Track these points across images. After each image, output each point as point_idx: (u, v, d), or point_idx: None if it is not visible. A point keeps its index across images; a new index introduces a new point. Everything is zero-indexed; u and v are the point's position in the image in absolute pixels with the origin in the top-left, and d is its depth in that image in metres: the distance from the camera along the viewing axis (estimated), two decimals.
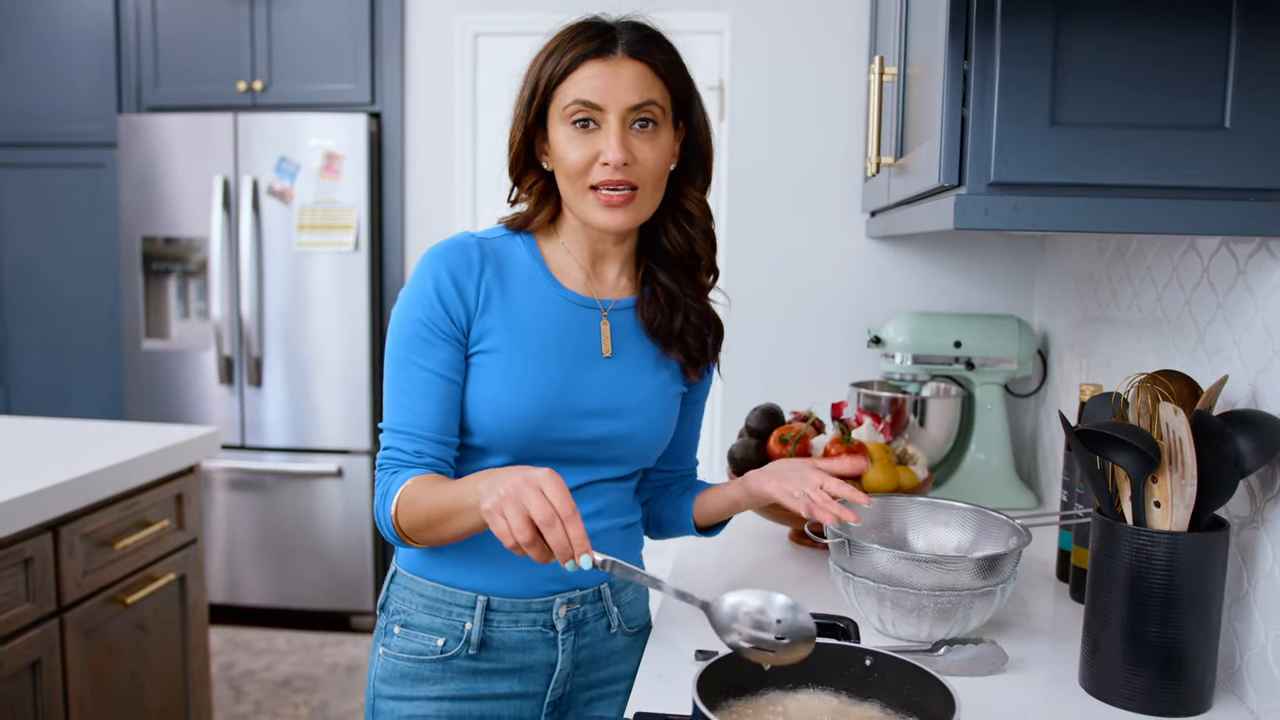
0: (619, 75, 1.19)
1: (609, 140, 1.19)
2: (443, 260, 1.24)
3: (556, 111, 1.22)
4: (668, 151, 1.24)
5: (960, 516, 1.44)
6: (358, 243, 3.80)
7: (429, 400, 1.22)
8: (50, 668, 1.91)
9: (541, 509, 0.98)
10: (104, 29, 4.02)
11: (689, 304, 1.33)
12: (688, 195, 1.31)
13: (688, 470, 1.48)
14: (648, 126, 1.21)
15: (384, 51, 3.91)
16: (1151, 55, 1.04)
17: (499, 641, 1.28)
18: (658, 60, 1.22)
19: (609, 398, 1.27)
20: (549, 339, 1.25)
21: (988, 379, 2.07)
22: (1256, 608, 1.15)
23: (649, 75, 1.21)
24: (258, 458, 3.93)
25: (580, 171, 1.21)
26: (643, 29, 1.24)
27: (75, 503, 1.95)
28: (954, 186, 1.11)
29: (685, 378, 1.36)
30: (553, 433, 1.25)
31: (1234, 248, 1.23)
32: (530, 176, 1.30)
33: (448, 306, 1.22)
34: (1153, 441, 1.10)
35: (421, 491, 1.17)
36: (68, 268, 4.19)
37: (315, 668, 3.62)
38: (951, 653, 1.23)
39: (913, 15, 1.47)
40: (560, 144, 1.22)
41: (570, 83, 1.20)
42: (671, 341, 1.32)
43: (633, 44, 1.21)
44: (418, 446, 1.22)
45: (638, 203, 1.22)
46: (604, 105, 1.19)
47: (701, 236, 1.32)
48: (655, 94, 1.22)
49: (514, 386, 1.23)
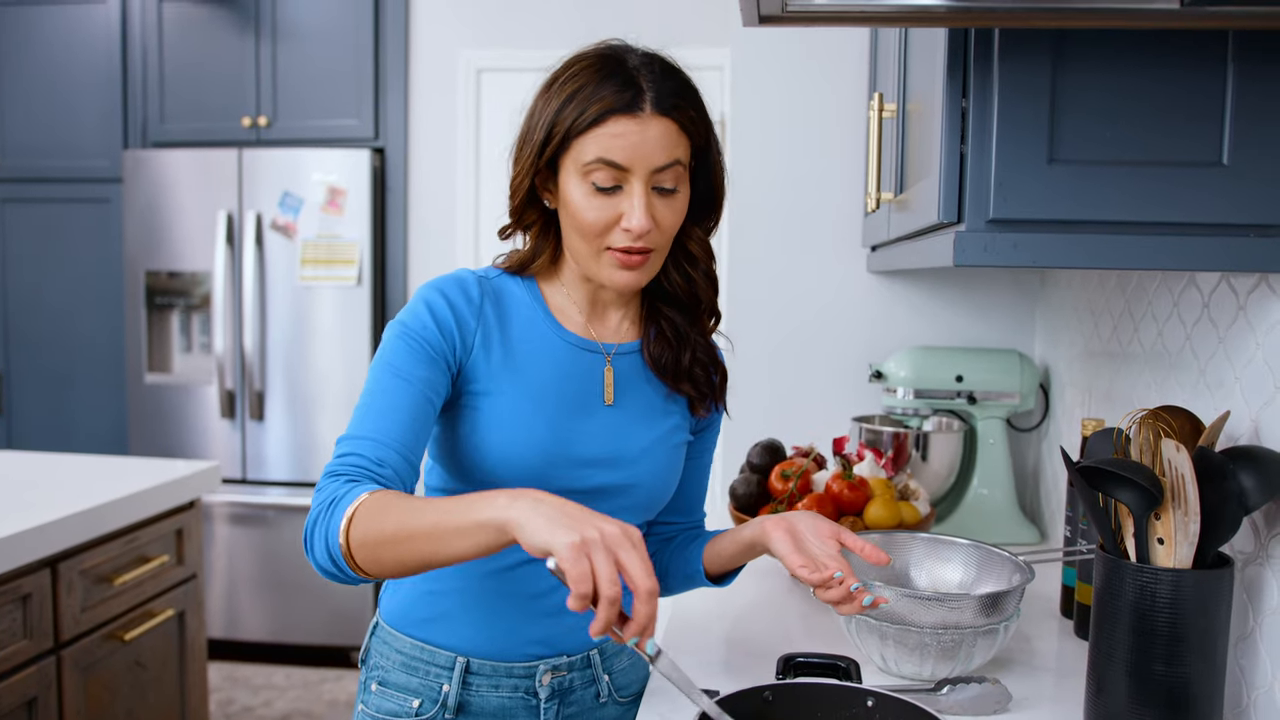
0: (646, 134, 1.11)
1: (633, 206, 1.12)
2: (441, 290, 1.17)
3: (573, 163, 1.13)
4: (684, 209, 1.18)
5: (963, 553, 1.43)
6: (360, 277, 3.81)
7: (402, 412, 1.10)
8: (47, 705, 1.90)
9: (639, 573, 0.88)
10: (110, 65, 4.06)
11: (696, 342, 1.27)
12: (692, 236, 1.24)
13: (695, 522, 1.41)
14: (670, 191, 1.15)
15: (388, 87, 3.95)
16: (1149, 93, 1.04)
17: (477, 706, 1.22)
18: (685, 117, 1.14)
19: (609, 446, 1.21)
20: (549, 383, 1.19)
21: (990, 413, 2.06)
22: (1263, 645, 1.14)
23: (676, 133, 1.13)
24: (259, 492, 3.92)
25: (598, 234, 1.14)
26: (672, 78, 1.15)
27: (75, 538, 1.94)
28: (953, 223, 1.12)
29: (693, 414, 1.30)
30: (551, 482, 1.16)
31: (1234, 283, 1.23)
32: (530, 215, 1.22)
33: (442, 328, 1.15)
34: (1155, 478, 1.10)
35: (392, 501, 0.99)
36: (72, 301, 4.21)
37: (314, 704, 3.59)
38: (954, 692, 1.22)
39: (911, 53, 1.48)
40: (576, 200, 1.14)
41: (593, 138, 1.11)
42: (680, 376, 1.26)
43: (662, 98, 1.12)
44: (381, 454, 1.07)
45: (652, 263, 1.17)
46: (630, 167, 1.11)
47: (703, 279, 1.26)
48: (680, 152, 1.14)
49: (513, 432, 1.16)
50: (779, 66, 2.26)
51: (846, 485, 1.68)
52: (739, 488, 1.78)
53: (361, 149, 3.83)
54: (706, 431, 1.37)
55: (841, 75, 2.22)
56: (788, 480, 1.72)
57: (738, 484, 1.79)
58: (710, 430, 1.38)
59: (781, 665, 1.19)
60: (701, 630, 1.50)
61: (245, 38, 3.97)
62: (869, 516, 1.67)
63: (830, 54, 2.23)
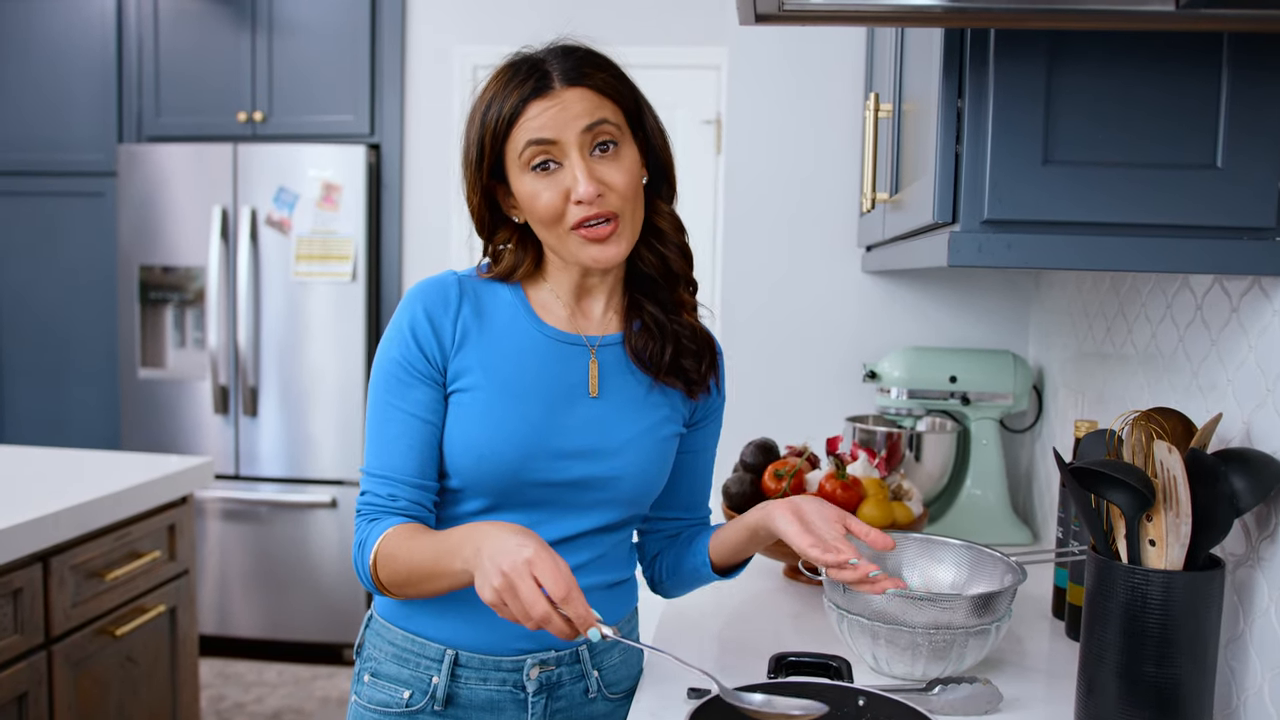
0: (564, 105, 1.14)
1: (575, 174, 1.14)
2: (419, 299, 1.21)
3: (513, 162, 1.17)
4: (636, 169, 1.19)
5: (955, 553, 1.43)
6: (355, 273, 3.80)
7: (403, 442, 1.19)
8: (37, 700, 1.89)
9: (533, 604, 0.98)
10: (105, 58, 4.05)
11: (678, 329, 1.27)
12: (657, 210, 1.25)
13: (699, 518, 1.40)
14: (609, 149, 1.16)
15: (384, 83, 3.94)
16: (1144, 95, 1.05)
17: (466, 699, 1.23)
18: (598, 80, 1.16)
19: (591, 438, 1.22)
20: (528, 378, 1.21)
21: (983, 414, 2.07)
22: (1253, 647, 1.15)
23: (594, 96, 1.15)
24: (252, 488, 3.92)
25: (555, 217, 1.16)
26: (572, 52, 1.18)
27: (66, 533, 1.94)
28: (948, 224, 1.12)
29: (691, 399, 1.30)
30: (531, 475, 1.20)
31: (1227, 285, 1.23)
32: (503, 233, 1.25)
33: (423, 346, 1.19)
34: (1147, 480, 1.10)
35: (400, 545, 1.13)
36: (65, 296, 4.20)
37: (306, 701, 3.59)
38: (946, 692, 1.22)
39: (907, 53, 1.48)
40: (525, 193, 1.17)
41: (518, 129, 1.15)
42: (665, 370, 1.26)
43: (568, 71, 1.15)
44: (392, 490, 1.19)
45: (621, 230, 1.17)
46: (558, 138, 1.14)
47: (676, 252, 1.26)
48: (606, 112, 1.16)
49: (489, 426, 1.19)
50: (775, 65, 2.26)
51: (840, 485, 1.69)
52: (732, 486, 1.78)
53: (357, 145, 3.82)
54: (705, 425, 1.36)
55: (837, 75, 2.23)
56: (781, 480, 1.72)
57: (731, 483, 1.79)
58: (709, 424, 1.36)
59: (773, 664, 1.19)
60: (694, 629, 1.50)
61: (241, 32, 3.96)
62: (862, 516, 1.67)
63: (826, 53, 2.23)
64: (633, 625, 1.38)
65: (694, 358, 1.28)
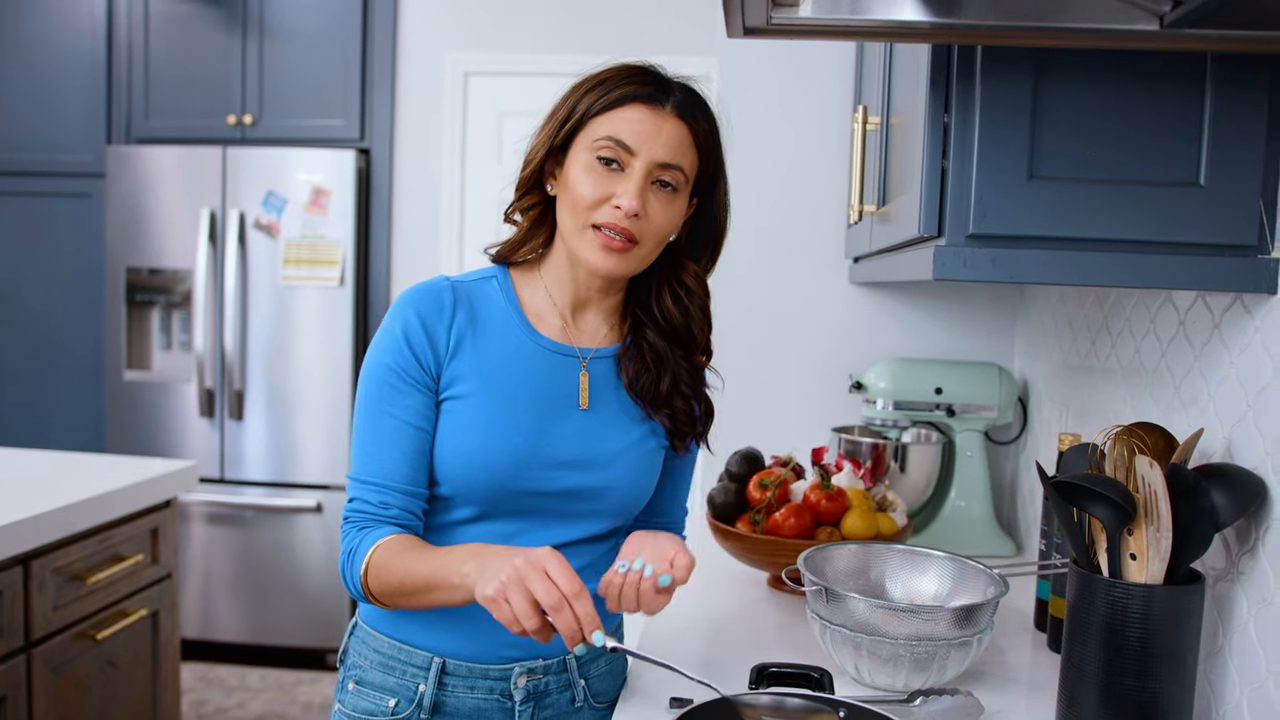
0: (660, 127, 1.17)
1: (628, 186, 1.16)
2: (413, 304, 1.20)
3: (584, 140, 1.18)
4: (677, 219, 1.21)
5: (938, 565, 1.44)
6: (343, 278, 3.80)
7: (395, 449, 1.18)
8: (16, 704, 1.88)
9: (548, 593, 0.97)
10: (95, 60, 4.04)
11: (679, 368, 1.27)
12: (686, 269, 1.27)
13: (664, 526, 1.39)
14: (667, 189, 1.18)
15: (374, 88, 3.94)
16: (1129, 113, 1.06)
17: (452, 707, 1.23)
18: (700, 128, 1.20)
19: (582, 449, 1.22)
20: (520, 387, 1.21)
21: (968, 426, 2.07)
22: (1232, 661, 1.15)
23: (687, 139, 1.19)
24: (237, 491, 3.90)
25: (589, 206, 1.17)
26: (694, 93, 1.21)
27: (48, 536, 1.93)
28: (934, 237, 1.12)
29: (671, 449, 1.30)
30: (521, 484, 1.20)
31: (1210, 301, 1.24)
32: (530, 198, 1.26)
33: (417, 352, 1.19)
34: (1128, 494, 1.11)
35: (394, 557, 1.13)
36: (51, 297, 4.17)
37: (289, 707, 3.57)
38: (927, 704, 1.22)
39: (895, 67, 1.49)
40: (576, 173, 1.18)
41: (609, 118, 1.17)
42: (658, 403, 1.26)
43: (683, 104, 1.19)
44: (384, 498, 1.18)
45: (634, 254, 1.19)
46: (636, 150, 1.16)
47: (699, 313, 1.28)
48: (686, 161, 1.19)
49: (481, 435, 1.18)
50: (765, 78, 2.27)
51: (824, 495, 1.69)
52: (717, 496, 1.78)
53: (347, 149, 3.82)
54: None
55: (827, 87, 2.24)
56: (765, 490, 1.72)
57: (716, 492, 1.79)
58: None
59: (754, 675, 1.19)
60: (677, 640, 1.50)
61: (232, 35, 3.95)
62: (846, 527, 1.67)
63: (816, 66, 2.24)
64: (620, 635, 1.38)
65: (687, 405, 1.28)
